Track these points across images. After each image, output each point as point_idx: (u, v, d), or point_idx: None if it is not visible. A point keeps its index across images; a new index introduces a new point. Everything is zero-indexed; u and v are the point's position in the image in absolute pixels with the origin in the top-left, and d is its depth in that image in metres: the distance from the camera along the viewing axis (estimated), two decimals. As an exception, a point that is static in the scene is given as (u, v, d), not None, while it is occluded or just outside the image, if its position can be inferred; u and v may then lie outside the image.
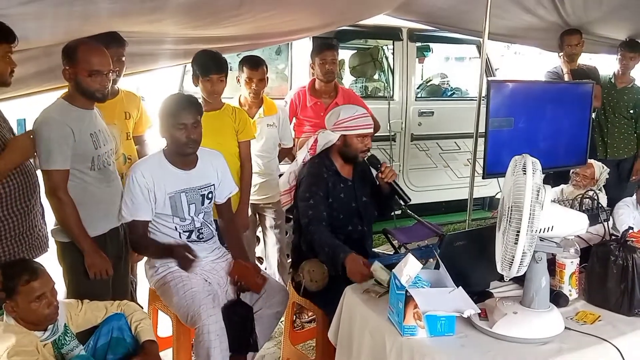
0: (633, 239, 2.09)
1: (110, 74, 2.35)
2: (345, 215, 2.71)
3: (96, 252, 2.36)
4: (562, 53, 4.32)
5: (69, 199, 2.30)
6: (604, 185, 3.99)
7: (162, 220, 2.56)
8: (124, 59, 2.78)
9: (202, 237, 2.63)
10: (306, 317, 3.46)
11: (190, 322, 2.39)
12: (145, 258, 2.75)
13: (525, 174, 1.70)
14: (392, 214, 3.05)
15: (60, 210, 2.31)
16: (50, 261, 2.34)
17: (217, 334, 2.32)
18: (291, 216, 2.93)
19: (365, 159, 2.74)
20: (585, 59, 4.63)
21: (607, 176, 3.88)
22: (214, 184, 2.65)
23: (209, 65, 2.94)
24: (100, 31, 2.62)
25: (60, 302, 2.09)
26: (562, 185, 3.97)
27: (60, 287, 2.17)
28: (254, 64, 3.29)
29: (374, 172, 2.77)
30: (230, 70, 4.07)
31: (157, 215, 2.55)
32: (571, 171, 3.89)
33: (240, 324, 2.47)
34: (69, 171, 2.31)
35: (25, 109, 2.58)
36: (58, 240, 2.42)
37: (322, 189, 2.63)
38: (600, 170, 3.89)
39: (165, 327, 2.81)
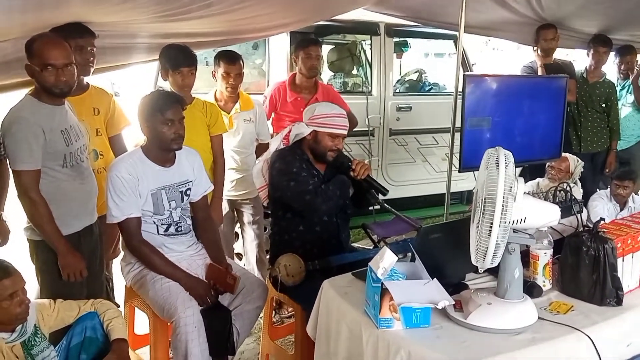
0: (604, 230, 2.12)
1: (70, 67, 2.26)
2: None
3: (70, 253, 2.32)
4: (537, 47, 4.37)
5: (41, 199, 2.25)
6: (579, 179, 4.06)
7: (142, 217, 2.52)
8: (94, 49, 2.71)
9: (181, 230, 2.62)
10: (286, 312, 3.46)
11: (166, 316, 2.37)
12: (121, 255, 2.72)
13: (498, 166, 1.72)
14: (371, 208, 3.05)
15: (33, 210, 2.26)
16: (20, 260, 2.29)
17: (195, 326, 2.30)
18: (269, 211, 2.91)
19: (332, 159, 2.71)
20: (562, 54, 4.69)
21: (582, 169, 3.95)
22: (191, 181, 2.64)
23: (179, 58, 2.90)
24: (71, 21, 2.57)
25: (32, 302, 2.05)
26: (538, 179, 4.02)
27: (31, 287, 2.12)
28: (231, 59, 3.27)
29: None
30: (207, 65, 4.05)
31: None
32: (547, 165, 3.94)
33: (219, 328, 2.45)
34: (40, 170, 2.26)
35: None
36: (30, 239, 2.39)
37: (301, 170, 2.64)
38: (575, 163, 3.95)
39: (142, 324, 2.78)
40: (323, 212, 2.65)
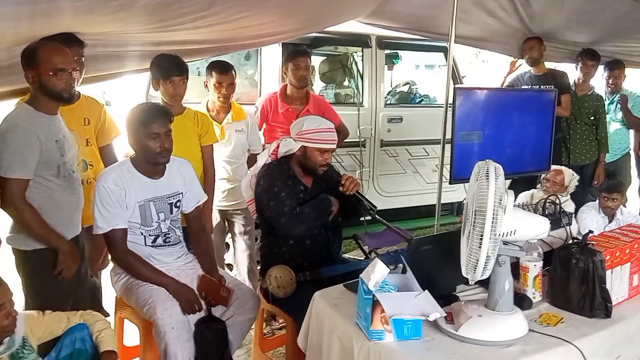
0: (593, 243, 2.14)
1: (75, 72, 2.29)
2: None
3: (71, 248, 2.34)
4: (525, 57, 4.47)
5: (28, 205, 2.24)
6: (572, 193, 4.08)
7: (129, 227, 2.51)
8: (83, 59, 2.71)
9: (169, 242, 2.60)
10: (277, 324, 3.44)
11: (147, 315, 2.37)
12: (110, 265, 2.70)
13: (488, 179, 1.73)
14: (362, 219, 3.06)
15: (22, 218, 2.25)
16: (6, 272, 2.27)
17: (173, 326, 2.29)
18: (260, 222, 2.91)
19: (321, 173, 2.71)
20: (551, 67, 4.75)
21: (577, 183, 3.97)
22: (181, 192, 2.62)
23: (170, 68, 2.91)
24: (64, 30, 2.57)
25: (20, 313, 2.03)
26: (533, 190, 4.04)
27: (18, 298, 2.10)
28: (223, 69, 3.27)
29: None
30: (199, 75, 4.05)
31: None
32: (542, 177, 3.97)
33: (214, 340, 2.43)
34: (29, 180, 2.24)
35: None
36: (16, 249, 2.35)
37: (283, 189, 2.63)
38: (570, 177, 3.97)
39: (132, 336, 2.76)
40: (297, 234, 2.63)
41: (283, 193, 2.61)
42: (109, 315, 2.60)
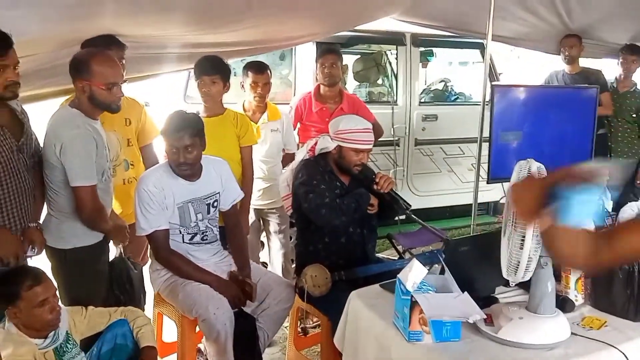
0: (639, 244, 2.07)
1: (123, 83, 2.35)
2: None
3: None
4: (564, 54, 4.37)
5: (102, 205, 2.36)
6: (608, 189, 3.97)
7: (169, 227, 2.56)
8: (124, 61, 2.77)
9: (206, 239, 2.66)
10: (311, 322, 3.45)
11: (195, 314, 2.42)
12: (149, 263, 2.75)
13: (530, 178, 1.70)
14: (397, 218, 3.04)
15: (99, 216, 2.35)
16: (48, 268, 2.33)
17: (225, 322, 2.36)
18: (294, 220, 2.93)
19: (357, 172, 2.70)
20: (589, 63, 4.64)
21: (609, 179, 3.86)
22: (218, 192, 2.67)
23: (203, 67, 2.96)
24: (105, 32, 2.62)
25: (63, 309, 2.09)
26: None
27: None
28: (258, 69, 3.30)
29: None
30: (235, 75, 4.09)
31: None
32: None
33: (244, 336, 2.47)
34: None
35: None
36: (55, 248, 2.39)
37: (322, 182, 2.64)
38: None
39: (170, 332, 2.81)
40: (336, 226, 2.63)
41: (322, 185, 2.63)
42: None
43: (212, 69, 2.96)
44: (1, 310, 2.01)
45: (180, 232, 2.58)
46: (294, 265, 3.47)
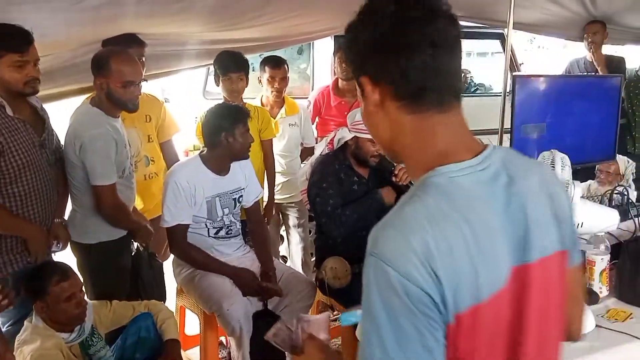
0: (665, 235, 2.04)
1: (141, 82, 2.37)
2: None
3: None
4: (587, 41, 4.28)
5: (123, 203, 2.40)
6: (633, 180, 3.89)
7: (195, 221, 2.59)
8: (144, 59, 2.79)
9: (230, 234, 2.69)
10: (331, 315, 3.46)
11: (212, 310, 2.45)
12: (171, 257, 2.78)
13: (554, 169, 1.68)
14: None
15: (120, 214, 2.41)
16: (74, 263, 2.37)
17: (240, 319, 2.37)
18: (313, 214, 2.94)
19: (375, 163, 2.70)
20: (612, 51, 4.54)
21: (634, 170, 3.78)
22: (243, 188, 2.70)
23: (228, 64, 2.98)
24: (127, 32, 2.65)
25: (89, 303, 2.13)
26: (590, 181, 3.89)
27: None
28: (275, 63, 3.31)
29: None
30: (252, 70, 4.10)
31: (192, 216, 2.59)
32: (596, 168, 3.80)
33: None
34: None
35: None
36: (81, 243, 2.43)
37: (332, 185, 2.63)
38: (625, 165, 3.78)
39: (193, 325, 2.84)
40: (336, 237, 2.63)
41: (331, 190, 2.62)
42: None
43: (239, 66, 2.99)
44: (29, 304, 2.05)
45: (207, 226, 2.62)
46: (313, 259, 3.49)
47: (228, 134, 2.50)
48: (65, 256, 2.42)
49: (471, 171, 0.86)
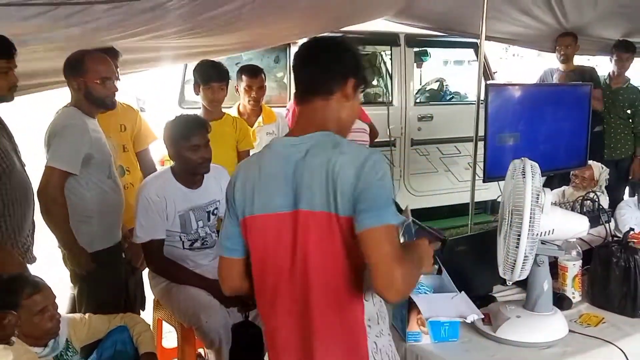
0: (634, 240, 2.08)
1: (116, 80, 2.39)
2: None
3: (83, 253, 2.38)
4: (559, 53, 4.37)
5: (64, 200, 2.29)
6: (606, 187, 3.97)
7: (168, 235, 2.55)
8: (118, 69, 2.78)
9: (206, 245, 2.64)
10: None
11: (189, 322, 2.41)
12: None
13: (524, 177, 1.71)
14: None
15: (53, 207, 2.29)
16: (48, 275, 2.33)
17: (219, 331, 2.33)
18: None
19: None
20: (584, 60, 4.66)
21: (608, 176, 3.88)
22: (218, 200, 2.65)
23: (210, 74, 2.97)
24: (99, 47, 2.65)
25: (63, 316, 2.09)
26: (564, 187, 3.96)
27: (61, 302, 2.16)
28: (252, 72, 3.32)
29: None
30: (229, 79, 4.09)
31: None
32: (571, 173, 3.88)
33: (250, 345, 2.46)
34: (69, 175, 2.31)
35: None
36: None
37: None
38: (599, 171, 3.87)
39: (170, 338, 2.81)
40: None
41: None
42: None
43: (221, 77, 3.00)
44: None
45: (181, 239, 2.57)
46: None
47: (184, 147, 2.45)
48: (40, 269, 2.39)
49: (288, 143, 1.38)
